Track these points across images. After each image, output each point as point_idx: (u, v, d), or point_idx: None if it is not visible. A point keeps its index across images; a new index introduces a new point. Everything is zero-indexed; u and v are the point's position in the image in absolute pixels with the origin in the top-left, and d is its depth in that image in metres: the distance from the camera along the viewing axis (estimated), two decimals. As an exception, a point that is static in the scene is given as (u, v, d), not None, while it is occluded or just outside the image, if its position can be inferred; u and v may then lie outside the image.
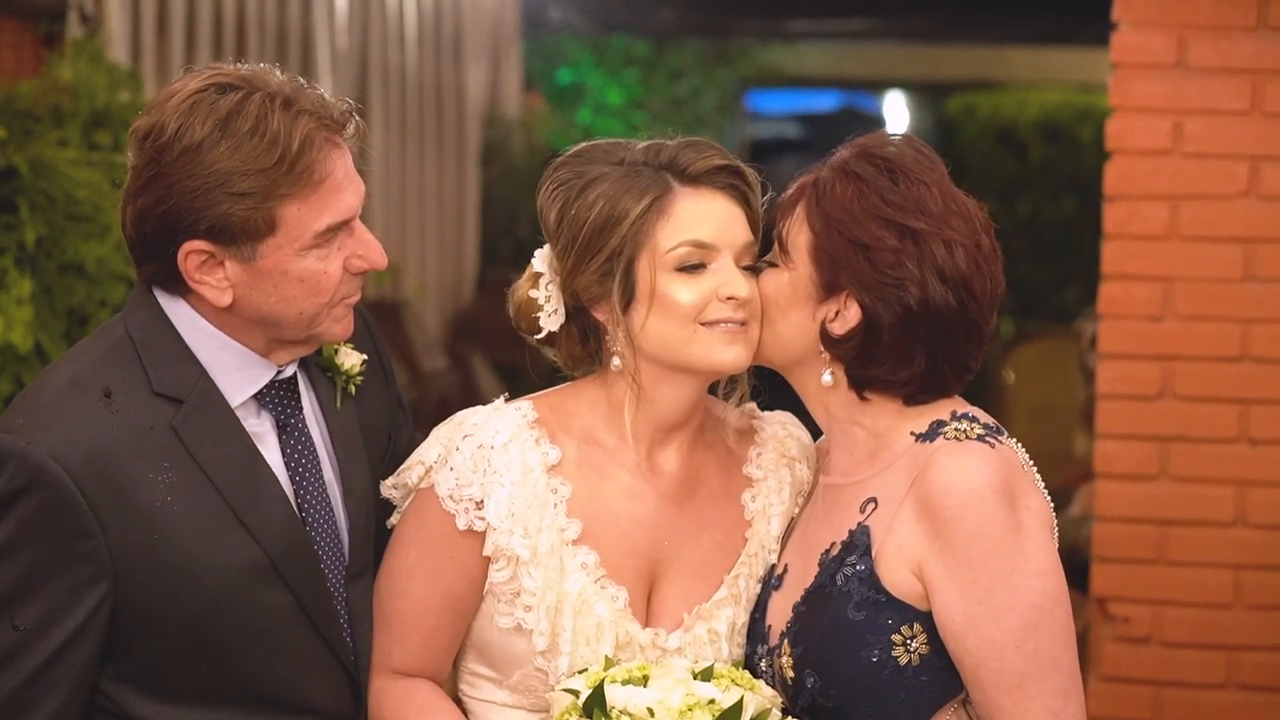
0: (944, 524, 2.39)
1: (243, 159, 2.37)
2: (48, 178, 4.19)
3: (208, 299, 2.45)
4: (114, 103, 4.66)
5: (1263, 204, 4.31)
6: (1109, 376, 4.39)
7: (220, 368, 2.48)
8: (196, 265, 2.42)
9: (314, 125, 2.42)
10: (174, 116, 2.39)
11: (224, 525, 2.43)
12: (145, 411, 2.42)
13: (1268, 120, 4.30)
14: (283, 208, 2.40)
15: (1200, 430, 4.33)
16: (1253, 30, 4.29)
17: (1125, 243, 4.36)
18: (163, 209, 2.40)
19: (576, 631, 2.51)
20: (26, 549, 2.35)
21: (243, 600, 2.44)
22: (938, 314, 2.46)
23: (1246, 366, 4.33)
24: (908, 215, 2.46)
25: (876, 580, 2.43)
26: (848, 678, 2.43)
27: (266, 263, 2.42)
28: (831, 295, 2.49)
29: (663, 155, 2.53)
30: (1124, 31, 4.34)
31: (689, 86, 12.19)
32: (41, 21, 5.07)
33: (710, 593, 2.57)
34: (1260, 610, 4.34)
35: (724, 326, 2.50)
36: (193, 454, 2.43)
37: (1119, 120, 4.36)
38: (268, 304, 2.45)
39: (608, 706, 2.33)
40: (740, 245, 2.52)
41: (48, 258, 4.18)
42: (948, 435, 2.46)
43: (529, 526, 2.52)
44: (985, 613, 2.38)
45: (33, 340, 4.02)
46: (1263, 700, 4.34)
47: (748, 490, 2.64)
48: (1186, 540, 4.33)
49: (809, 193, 2.53)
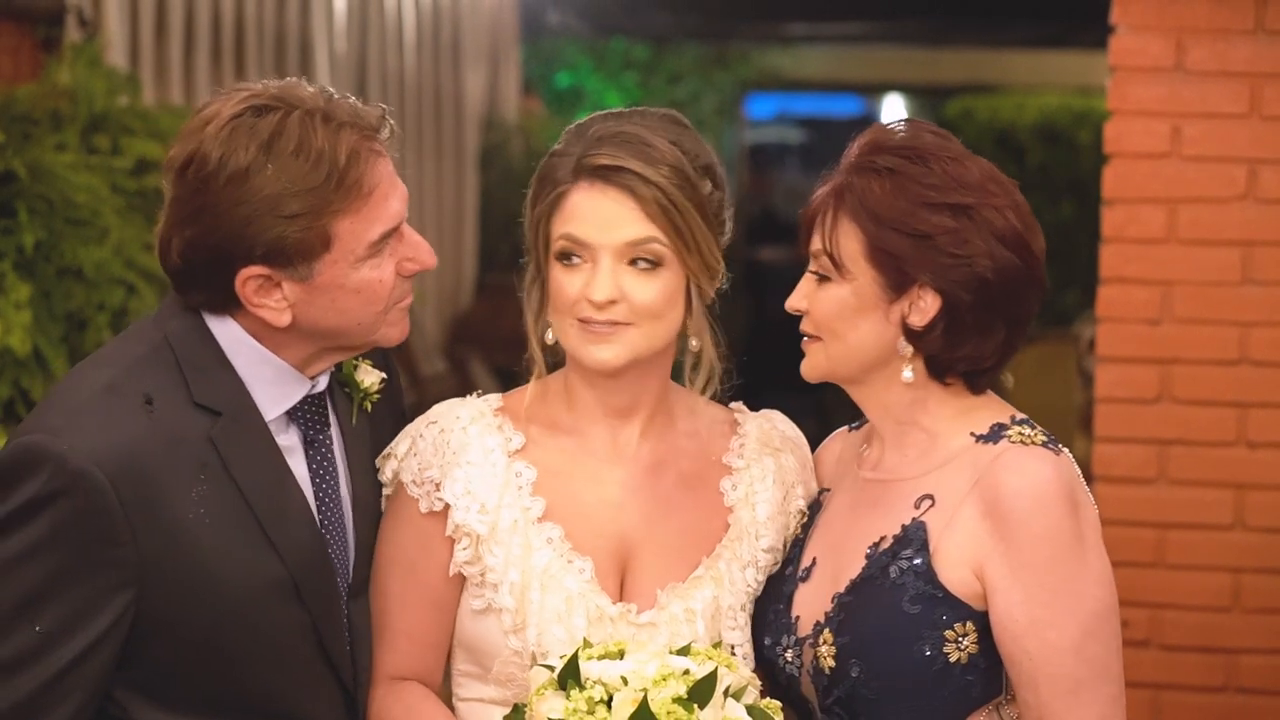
0: (1011, 526, 2.41)
1: (291, 180, 2.35)
2: (46, 182, 4.19)
3: (267, 320, 2.42)
4: (112, 107, 4.66)
5: (1261, 207, 4.32)
6: (1107, 380, 4.39)
7: (257, 381, 2.46)
8: (254, 290, 2.40)
9: (356, 137, 2.40)
10: (215, 144, 2.36)
11: (252, 541, 2.42)
12: (183, 421, 2.39)
13: (1266, 123, 4.30)
14: (336, 223, 2.38)
15: (1199, 433, 4.34)
16: (1250, 33, 4.29)
17: (1123, 246, 4.36)
18: (214, 239, 2.37)
19: (545, 607, 2.51)
20: (55, 552, 2.32)
21: (260, 616, 2.42)
22: (1009, 278, 2.48)
23: (1245, 370, 4.33)
24: (952, 193, 2.47)
25: (933, 575, 2.44)
26: (895, 670, 2.44)
27: (323, 279, 2.41)
28: (903, 292, 2.49)
29: (582, 142, 2.53)
30: (1122, 35, 4.35)
31: (688, 90, 12.20)
32: (40, 25, 5.06)
33: (687, 573, 2.57)
34: (1259, 614, 4.34)
35: (592, 326, 2.50)
36: (228, 467, 2.40)
37: (1117, 123, 4.36)
38: (326, 318, 2.44)
39: (582, 677, 2.33)
40: (620, 244, 2.48)
41: (46, 262, 4.18)
42: (1012, 439, 2.48)
43: (486, 503, 2.53)
44: (1048, 617, 2.40)
45: (31, 344, 4.02)
46: (1262, 704, 4.34)
47: (727, 478, 2.63)
48: (1185, 543, 4.33)
49: (847, 200, 2.50)
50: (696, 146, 2.56)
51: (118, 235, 4.26)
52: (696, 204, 2.50)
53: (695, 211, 2.50)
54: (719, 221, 2.56)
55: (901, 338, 2.51)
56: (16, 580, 2.32)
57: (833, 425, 2.82)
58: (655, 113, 2.59)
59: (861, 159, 2.52)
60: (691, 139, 2.57)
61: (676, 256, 2.50)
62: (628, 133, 2.52)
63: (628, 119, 2.55)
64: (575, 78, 11.59)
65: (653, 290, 2.50)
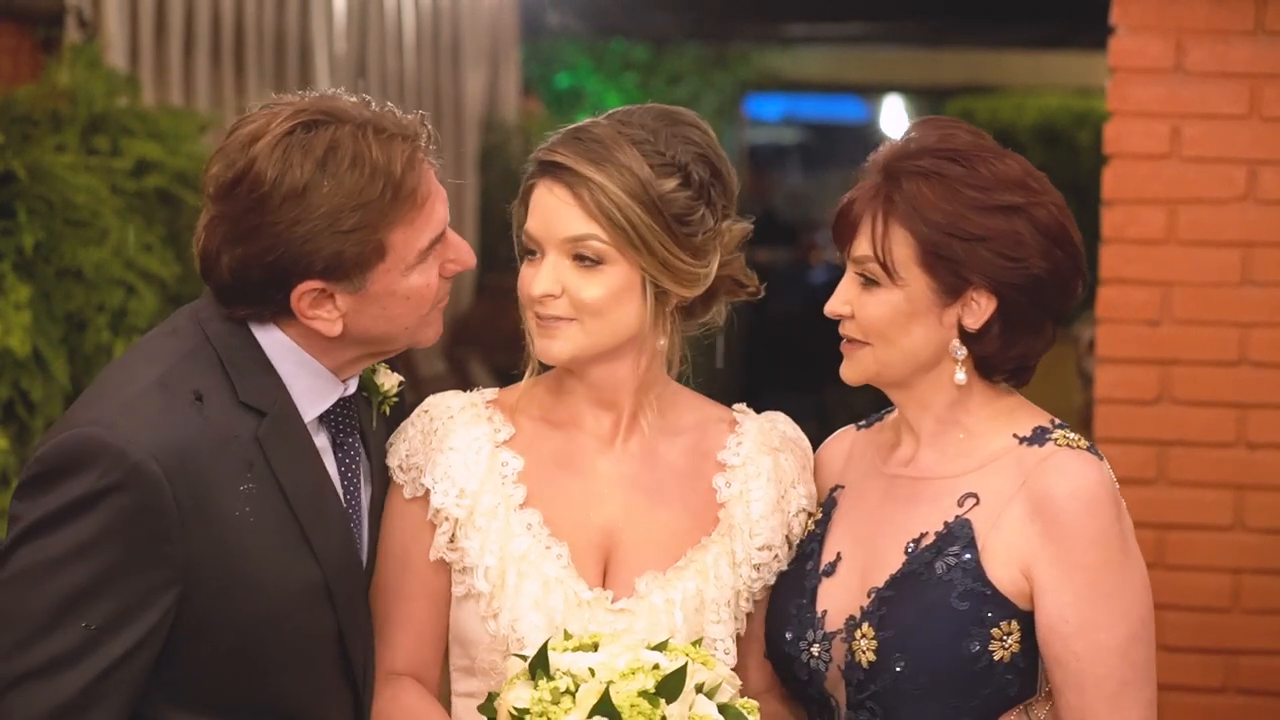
0: (1063, 528, 2.44)
1: (347, 194, 2.35)
2: (45, 183, 4.19)
3: (319, 331, 2.43)
4: (112, 108, 4.66)
5: (1260, 208, 4.32)
6: (1107, 381, 4.39)
7: (297, 384, 2.46)
8: (309, 303, 2.40)
9: (406, 147, 2.41)
10: (269, 162, 2.34)
11: (293, 543, 2.41)
12: (232, 419, 2.39)
13: (1265, 124, 4.30)
14: (391, 234, 2.39)
15: (1198, 434, 4.34)
16: (1250, 34, 4.29)
17: (1123, 247, 4.36)
18: (271, 257, 2.36)
19: (521, 592, 2.51)
20: (109, 548, 2.29)
21: (293, 619, 2.42)
22: (1060, 275, 2.51)
23: (1244, 371, 4.33)
24: (1000, 193, 2.49)
25: (982, 573, 2.46)
26: (940, 666, 2.46)
27: (375, 288, 2.41)
28: (958, 296, 2.50)
29: (549, 140, 2.57)
30: (1122, 36, 4.35)
31: (687, 90, 12.19)
32: (39, 26, 5.06)
33: (670, 564, 2.56)
34: (1259, 614, 4.34)
35: (541, 320, 2.54)
36: (272, 467, 2.40)
37: (1117, 124, 4.36)
38: (375, 325, 2.45)
39: (551, 668, 2.33)
40: (560, 240, 2.51)
41: (45, 263, 4.18)
42: (1058, 442, 2.51)
43: (465, 488, 2.55)
44: (1098, 618, 2.43)
45: (31, 345, 4.02)
46: (1262, 705, 4.34)
47: (721, 475, 2.62)
48: (1185, 544, 4.33)
49: (897, 204, 2.49)
50: (673, 144, 2.54)
51: (117, 236, 4.26)
52: (644, 204, 2.49)
53: (643, 210, 2.49)
54: (684, 220, 2.53)
55: (956, 340, 2.52)
56: (66, 576, 2.29)
57: (833, 426, 2.82)
58: (650, 109, 2.60)
59: (905, 162, 2.52)
60: (669, 136, 2.55)
61: (621, 255, 2.50)
62: (588, 131, 2.54)
63: (612, 117, 2.57)
64: (575, 78, 11.58)
65: (595, 287, 2.51)
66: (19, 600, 2.30)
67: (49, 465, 2.31)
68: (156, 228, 4.50)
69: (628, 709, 2.26)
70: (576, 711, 2.28)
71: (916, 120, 2.60)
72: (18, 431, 4.09)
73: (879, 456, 2.67)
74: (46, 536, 2.29)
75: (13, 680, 2.29)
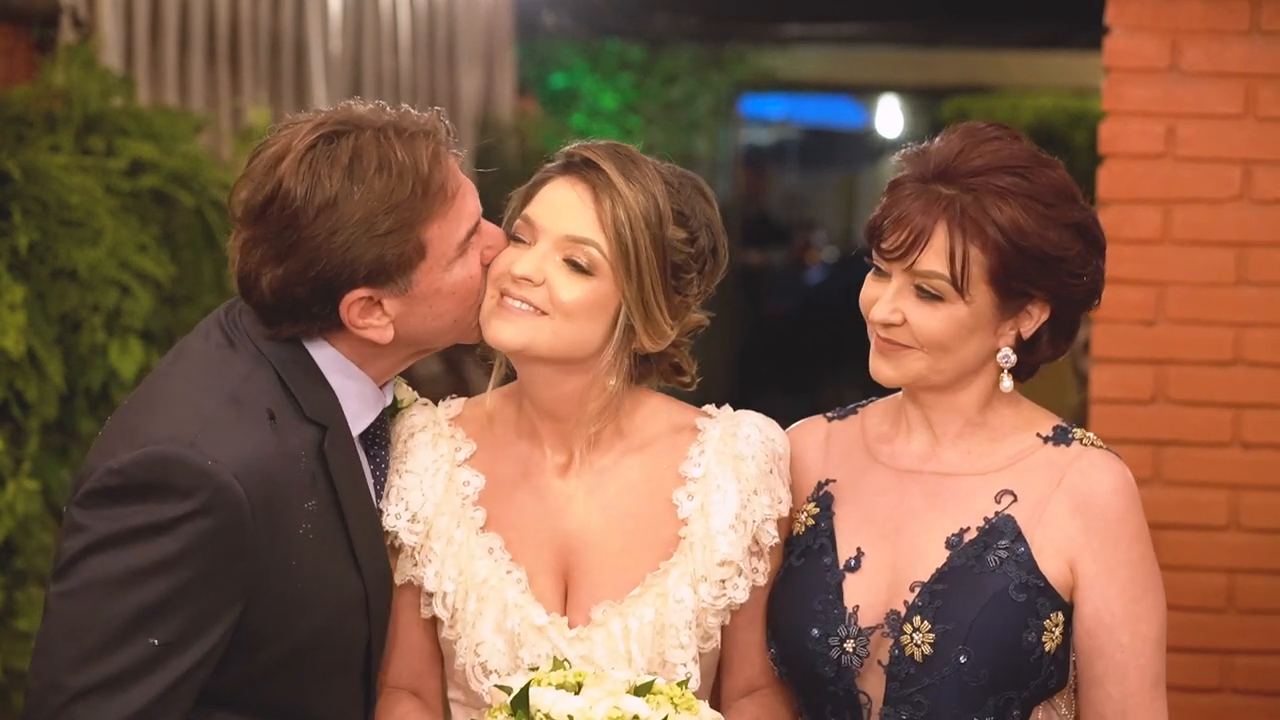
0: (1108, 524, 2.54)
1: (379, 198, 2.37)
2: (40, 183, 4.19)
3: (372, 339, 2.44)
4: (107, 108, 4.66)
5: (1256, 208, 4.32)
6: (1102, 381, 4.39)
7: (346, 398, 2.47)
8: (359, 313, 2.42)
9: (429, 144, 2.43)
10: (296, 179, 2.36)
11: (343, 556, 2.43)
12: (299, 436, 2.40)
13: (1261, 124, 4.30)
14: (427, 230, 2.41)
15: (1193, 434, 4.34)
16: (1245, 34, 4.29)
17: (1118, 247, 4.35)
18: (314, 272, 2.37)
19: (482, 616, 2.52)
20: (186, 567, 2.28)
21: (339, 631, 2.44)
22: (1101, 282, 2.62)
23: (1240, 371, 4.33)
24: (1063, 209, 2.54)
25: (1035, 565, 2.53)
26: (1004, 656, 2.51)
27: (420, 287, 2.43)
28: (1018, 311, 2.56)
29: (578, 143, 2.58)
30: (1117, 36, 4.35)
31: (683, 91, 12.20)
32: (34, 27, 5.06)
33: (630, 588, 2.55)
34: (1253, 614, 4.34)
35: (505, 300, 2.50)
36: (334, 482, 2.42)
37: (1112, 124, 4.36)
38: (425, 325, 2.47)
39: (531, 709, 2.32)
40: (563, 235, 2.50)
41: (40, 263, 4.18)
42: (1084, 442, 2.61)
43: (419, 513, 2.55)
44: (1141, 611, 2.55)
45: (25, 346, 4.02)
46: (1256, 705, 4.34)
47: (681, 489, 2.59)
48: (1180, 544, 4.33)
49: (972, 222, 2.49)
50: (693, 201, 2.56)
51: (111, 236, 4.26)
52: (653, 236, 2.50)
53: (649, 242, 2.50)
54: (678, 273, 2.54)
55: (1007, 348, 2.58)
56: (140, 591, 2.28)
57: (828, 428, 2.81)
58: (675, 168, 2.60)
59: (974, 179, 2.51)
60: (691, 193, 2.57)
61: (612, 273, 2.50)
62: (627, 149, 2.55)
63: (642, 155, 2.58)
64: (570, 79, 11.58)
65: (576, 290, 2.49)
66: (88, 613, 2.29)
67: (127, 479, 2.29)
68: (151, 228, 4.50)
69: None
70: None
71: (958, 130, 2.59)
72: (12, 432, 4.09)
73: (879, 452, 2.67)
74: (121, 550, 2.28)
75: (78, 693, 2.28)
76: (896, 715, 2.53)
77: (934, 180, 2.52)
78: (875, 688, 2.55)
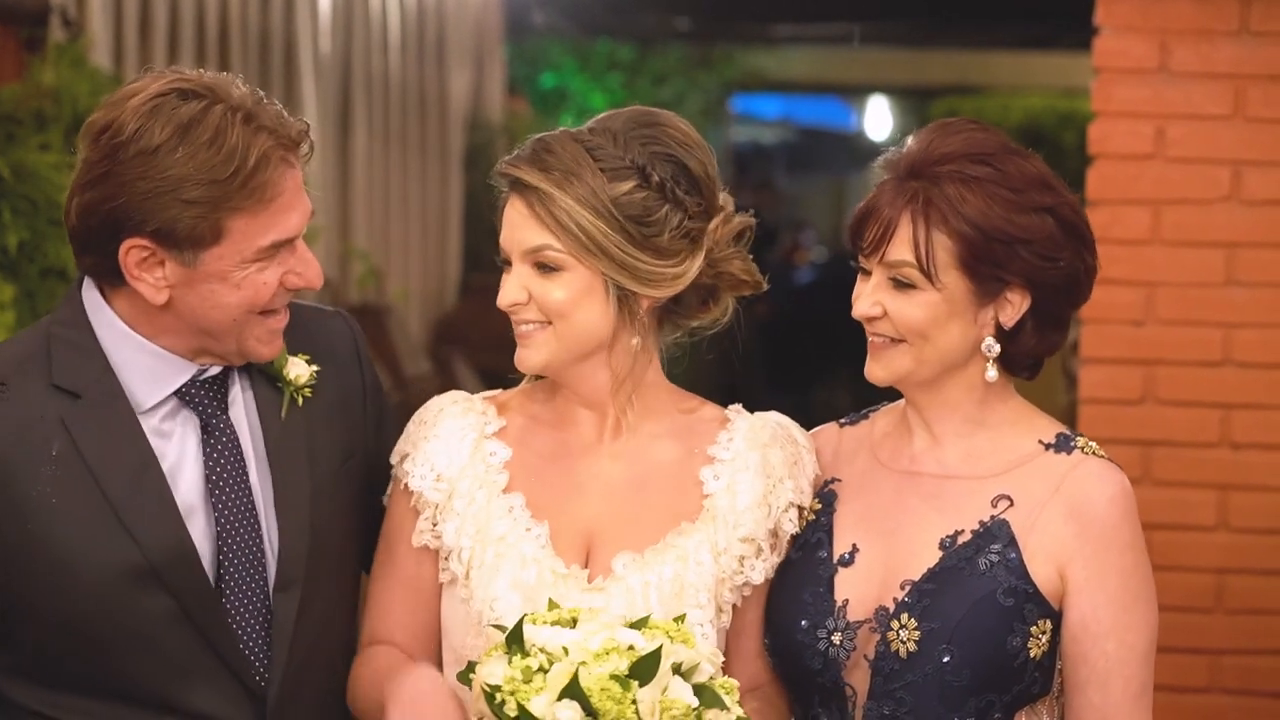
0: (1101, 531, 2.53)
1: (197, 167, 2.39)
2: (30, 182, 4.18)
3: (143, 295, 2.46)
4: (96, 107, 4.65)
5: (1245, 209, 4.32)
6: (1091, 381, 4.39)
7: (132, 369, 2.50)
8: (136, 261, 2.44)
9: (271, 143, 2.44)
10: (133, 117, 2.42)
11: (105, 525, 2.45)
12: (38, 403, 2.45)
13: (1250, 125, 4.31)
14: (230, 220, 2.43)
15: (1182, 435, 4.34)
16: (1234, 35, 4.30)
17: (1107, 247, 4.33)
18: (110, 206, 2.42)
19: (499, 572, 2.54)
20: None
21: (121, 603, 2.45)
22: (1086, 271, 2.61)
23: (1229, 371, 4.34)
24: (1033, 194, 2.54)
25: (1025, 571, 2.53)
26: (987, 658, 2.51)
27: (207, 269, 2.45)
28: (995, 296, 2.55)
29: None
30: (1106, 36, 4.35)
31: (673, 91, 12.20)
32: (23, 26, 5.04)
33: (649, 546, 2.58)
34: (1242, 614, 4.35)
35: (520, 328, 2.59)
36: (80, 449, 2.45)
37: (1101, 125, 4.37)
38: (202, 307, 2.47)
39: (526, 643, 2.31)
40: (521, 251, 2.55)
41: (30, 262, 4.17)
42: (1085, 450, 2.61)
43: (444, 474, 2.60)
44: (1130, 620, 2.54)
45: (14, 345, 4.01)
46: (1245, 705, 4.35)
47: (708, 467, 2.63)
48: (1168, 544, 4.34)
49: (937, 209, 2.51)
50: (631, 146, 2.55)
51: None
52: (596, 208, 2.51)
53: (593, 215, 2.51)
54: (643, 221, 2.54)
55: (990, 337, 2.57)
56: None
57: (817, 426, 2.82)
58: (625, 112, 2.62)
59: (937, 167, 2.54)
60: (629, 139, 2.55)
61: (579, 261, 2.53)
62: (543, 142, 2.57)
63: (581, 126, 2.61)
64: (560, 78, 11.58)
65: (558, 290, 2.54)
66: None
67: None
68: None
69: (597, 692, 2.24)
70: (547, 692, 2.26)
71: (930, 126, 2.61)
72: (1, 431, 4.09)
73: (881, 453, 2.70)
74: None
75: None
76: (880, 710, 2.54)
77: (906, 176, 2.56)
78: (861, 681, 2.57)
